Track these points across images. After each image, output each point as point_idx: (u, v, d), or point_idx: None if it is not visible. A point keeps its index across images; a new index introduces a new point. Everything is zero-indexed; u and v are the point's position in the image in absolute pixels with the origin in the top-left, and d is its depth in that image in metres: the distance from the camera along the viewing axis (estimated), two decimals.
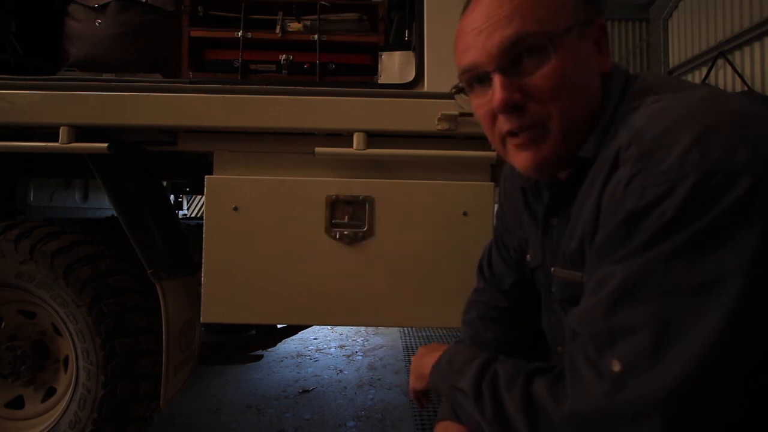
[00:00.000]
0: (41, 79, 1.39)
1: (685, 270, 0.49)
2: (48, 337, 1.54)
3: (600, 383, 0.52)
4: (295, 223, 1.37)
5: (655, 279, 0.51)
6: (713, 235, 0.49)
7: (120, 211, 1.42)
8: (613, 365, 0.51)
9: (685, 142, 0.51)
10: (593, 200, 0.62)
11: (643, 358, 0.50)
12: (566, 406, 0.55)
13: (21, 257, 1.42)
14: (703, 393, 0.49)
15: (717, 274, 0.49)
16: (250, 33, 1.50)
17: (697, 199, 0.49)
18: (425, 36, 1.35)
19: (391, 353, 3.06)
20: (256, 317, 1.41)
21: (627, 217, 0.53)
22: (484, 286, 1.03)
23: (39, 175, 2.01)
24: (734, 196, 0.48)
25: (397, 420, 2.12)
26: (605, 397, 0.51)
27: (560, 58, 0.62)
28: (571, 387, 0.55)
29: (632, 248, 0.53)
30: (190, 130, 1.42)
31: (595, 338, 0.54)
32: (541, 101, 0.63)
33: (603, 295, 0.54)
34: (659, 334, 0.49)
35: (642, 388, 0.49)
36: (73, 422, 1.43)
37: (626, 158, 0.56)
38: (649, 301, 0.50)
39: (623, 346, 0.51)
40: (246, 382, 2.54)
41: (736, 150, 0.50)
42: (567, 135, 0.65)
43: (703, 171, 0.49)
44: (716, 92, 0.60)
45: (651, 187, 0.51)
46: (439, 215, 1.36)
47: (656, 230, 0.51)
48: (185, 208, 4.77)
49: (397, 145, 1.37)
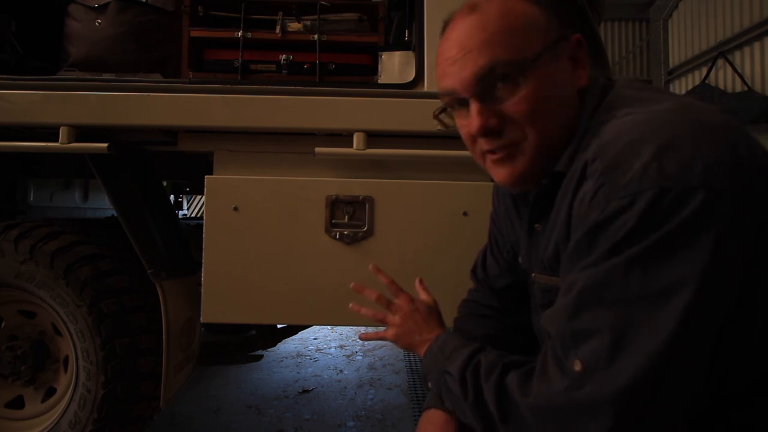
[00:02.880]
0: (41, 79, 1.39)
1: (642, 278, 0.52)
2: (48, 337, 1.54)
3: (562, 380, 0.56)
4: (295, 223, 1.37)
5: (614, 286, 0.54)
6: (668, 246, 0.52)
7: (120, 211, 1.42)
8: (575, 365, 0.55)
9: (645, 157, 0.54)
10: (565, 209, 0.65)
11: (601, 359, 0.53)
12: (531, 398, 0.59)
13: (21, 257, 1.42)
14: (655, 394, 0.52)
15: (670, 283, 0.51)
16: (250, 33, 1.50)
17: (654, 213, 0.52)
18: (425, 36, 1.35)
19: (391, 353, 3.06)
20: (256, 317, 1.41)
21: (591, 228, 0.56)
22: (478, 287, 1.04)
23: (39, 175, 2.01)
24: (689, 210, 0.51)
25: (397, 420, 2.12)
26: (564, 393, 0.56)
27: (532, 84, 0.65)
28: (537, 381, 0.60)
29: (594, 257, 0.56)
30: (190, 130, 1.42)
31: (561, 339, 0.58)
32: (516, 124, 0.67)
33: (568, 300, 0.58)
34: (617, 338, 0.52)
35: (598, 387, 0.53)
36: (73, 422, 1.43)
37: (592, 171, 0.59)
38: (608, 307, 0.54)
39: (585, 348, 0.55)
40: (246, 382, 2.54)
41: (693, 165, 0.52)
42: (541, 152, 0.68)
43: (660, 186, 0.52)
44: (687, 104, 0.61)
45: (613, 201, 0.54)
46: (439, 215, 1.36)
47: (616, 240, 0.53)
48: (185, 208, 4.77)
49: (397, 145, 1.37)
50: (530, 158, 0.69)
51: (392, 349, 3.14)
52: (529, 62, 0.65)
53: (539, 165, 0.69)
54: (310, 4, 1.52)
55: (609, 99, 0.68)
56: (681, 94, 5.32)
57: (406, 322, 0.90)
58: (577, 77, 0.69)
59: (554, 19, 0.68)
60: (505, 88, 0.66)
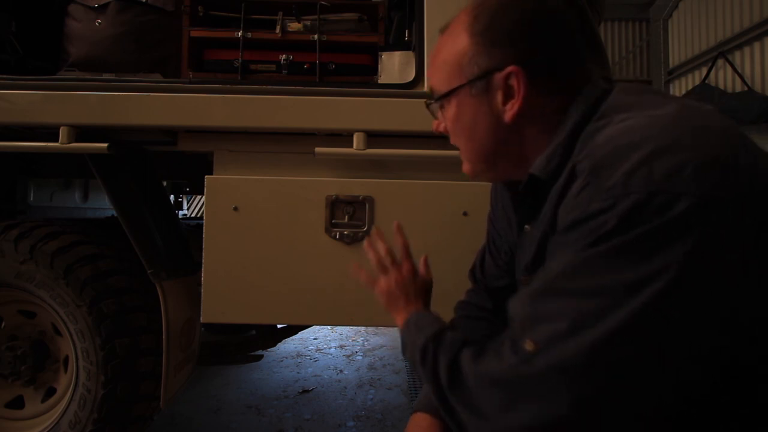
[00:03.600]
0: (41, 79, 1.39)
1: (610, 273, 0.53)
2: (48, 337, 1.54)
3: (511, 357, 0.58)
4: (295, 223, 1.37)
5: (581, 277, 0.54)
6: (644, 246, 0.52)
7: (120, 211, 1.42)
8: (528, 345, 0.56)
9: (633, 161, 0.54)
10: (551, 210, 0.66)
11: (553, 342, 0.54)
12: (479, 368, 0.62)
13: (21, 257, 1.42)
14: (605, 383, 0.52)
15: (639, 280, 0.51)
16: (250, 33, 1.50)
17: (636, 215, 0.52)
18: (425, 36, 1.35)
19: (391, 353, 3.06)
20: (256, 317, 1.41)
21: (571, 225, 0.57)
22: (476, 288, 1.04)
23: (39, 175, 2.01)
24: (672, 214, 0.51)
25: (397, 420, 2.12)
26: (510, 368, 0.57)
27: (452, 112, 0.77)
28: (489, 357, 0.62)
29: (570, 250, 0.57)
30: (190, 130, 1.42)
31: (520, 322, 0.60)
32: (452, 135, 0.81)
33: (535, 287, 0.59)
34: (573, 325, 0.53)
35: (543, 366, 0.54)
36: (73, 422, 1.43)
37: (580, 171, 0.60)
38: (572, 295, 0.55)
39: (540, 330, 0.56)
40: (246, 382, 2.54)
41: (680, 171, 0.52)
42: (479, 160, 0.79)
43: (646, 191, 0.52)
44: (686, 109, 0.60)
45: (596, 201, 0.55)
46: (439, 215, 1.36)
47: (593, 238, 0.54)
48: (185, 208, 4.77)
49: (397, 145, 1.37)
50: (469, 163, 0.82)
51: (392, 349, 3.14)
52: (445, 96, 0.77)
53: (486, 169, 0.80)
54: (310, 4, 1.52)
55: (607, 104, 0.68)
56: (682, 96, 5.32)
57: (399, 286, 0.94)
58: (508, 108, 0.72)
59: (492, 51, 0.71)
60: (441, 107, 0.80)
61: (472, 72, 0.73)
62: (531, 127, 0.73)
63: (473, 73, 0.73)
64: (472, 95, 0.74)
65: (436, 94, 0.79)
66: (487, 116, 0.74)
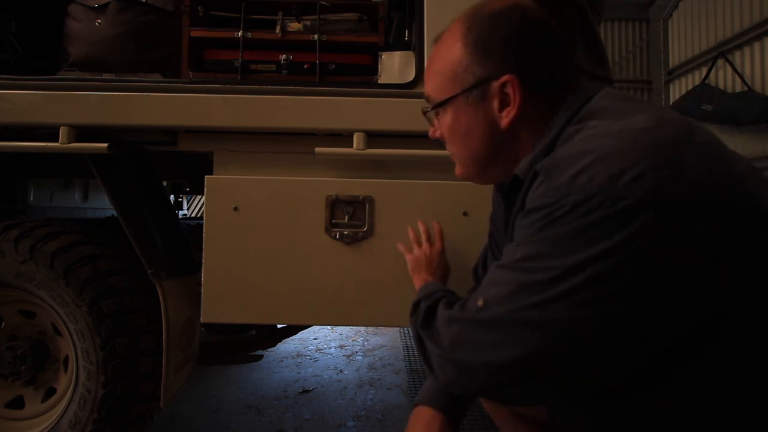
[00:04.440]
0: (41, 79, 1.39)
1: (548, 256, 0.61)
2: (48, 337, 1.54)
3: (469, 307, 0.70)
4: (295, 223, 1.37)
5: (529, 256, 0.63)
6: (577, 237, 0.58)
7: (120, 211, 1.42)
8: (480, 301, 0.67)
9: (580, 164, 0.60)
10: (519, 206, 0.74)
11: (496, 301, 0.65)
12: (446, 312, 0.74)
13: (21, 257, 1.42)
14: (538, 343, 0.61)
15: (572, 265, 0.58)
16: (250, 33, 1.50)
17: (574, 212, 0.58)
18: (425, 36, 1.35)
19: (391, 353, 3.07)
20: (256, 317, 1.41)
21: (527, 213, 0.65)
22: (477, 286, 1.05)
23: (39, 175, 2.01)
24: (608, 212, 0.56)
25: (397, 420, 2.12)
26: (465, 315, 0.70)
27: (447, 119, 0.82)
28: (456, 306, 0.74)
29: (524, 233, 0.66)
30: (190, 130, 1.42)
31: (481, 287, 0.71)
32: (448, 142, 0.85)
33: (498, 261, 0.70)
34: (515, 289, 0.63)
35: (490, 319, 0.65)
36: (73, 422, 1.43)
37: (539, 170, 0.66)
38: (518, 271, 0.64)
39: (490, 292, 0.67)
40: (246, 382, 2.54)
41: (621, 176, 0.57)
42: (474, 164, 0.83)
43: (585, 192, 0.58)
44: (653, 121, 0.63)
45: (545, 197, 0.62)
46: (439, 215, 1.36)
47: (541, 224, 0.62)
48: (185, 208, 4.77)
49: (397, 145, 1.37)
50: (463, 167, 0.86)
51: (392, 349, 3.14)
52: (440, 104, 0.81)
53: (479, 172, 0.84)
54: (310, 4, 1.52)
55: (585, 109, 0.72)
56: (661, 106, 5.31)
57: (426, 258, 1.18)
58: (503, 116, 0.77)
59: (486, 61, 0.75)
60: (437, 115, 0.84)
61: (467, 81, 0.77)
62: (523, 132, 0.78)
63: (469, 82, 0.77)
64: (468, 103, 0.78)
65: (432, 102, 0.83)
66: (483, 123, 0.78)
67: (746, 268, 0.57)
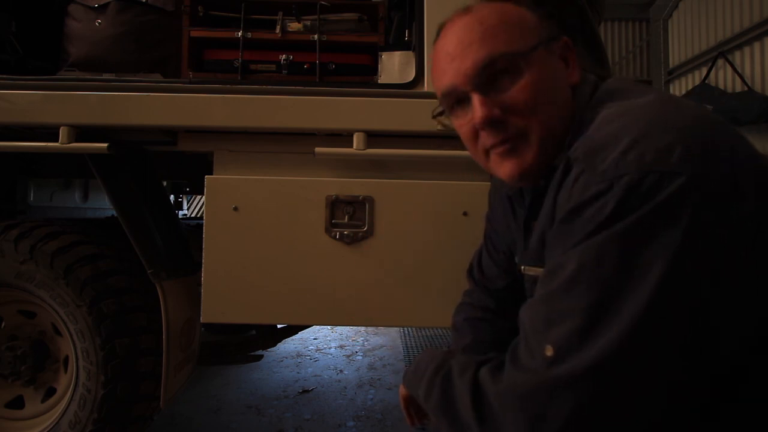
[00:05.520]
0: (41, 79, 1.39)
1: (615, 260, 0.53)
2: (48, 337, 1.54)
3: (532, 364, 0.56)
4: (295, 223, 1.37)
5: (587, 268, 0.54)
6: (644, 228, 0.52)
7: (120, 211, 1.42)
8: (547, 351, 0.54)
9: (624, 143, 0.55)
10: (551, 199, 0.66)
11: (573, 341, 0.53)
12: (501, 385, 0.58)
13: (21, 257, 1.42)
14: (628, 372, 0.52)
15: (644, 263, 0.51)
16: (250, 33, 1.50)
17: (631, 196, 0.53)
18: (425, 36, 1.35)
19: (391, 353, 3.06)
20: (256, 317, 1.41)
21: (571, 212, 0.58)
22: (474, 288, 1.04)
23: (39, 175, 2.01)
24: (666, 193, 0.52)
25: (397, 420, 2.12)
26: (534, 376, 0.55)
27: (532, 74, 0.67)
28: (508, 369, 0.59)
29: (574, 241, 0.57)
30: (190, 130, 1.42)
31: (533, 327, 0.58)
32: (519, 114, 0.68)
33: (542, 291, 0.59)
34: (588, 319, 0.53)
35: (569, 367, 0.52)
36: (73, 422, 1.43)
37: (575, 159, 0.61)
38: (582, 288, 0.54)
39: (555, 333, 0.54)
40: (246, 382, 2.54)
41: (670, 151, 0.53)
42: (546, 143, 0.69)
43: (638, 171, 0.53)
44: (668, 98, 0.63)
45: (593, 185, 0.56)
46: (439, 215, 1.36)
47: (595, 224, 0.54)
48: (185, 208, 4.77)
49: (397, 145, 1.37)
50: (536, 149, 0.69)
51: (392, 350, 3.14)
52: (527, 53, 0.67)
53: (544, 158, 0.70)
54: (310, 4, 1.52)
55: (599, 93, 0.70)
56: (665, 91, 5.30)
57: None
58: (569, 74, 0.72)
59: (545, 22, 0.72)
60: (505, 80, 0.67)
61: (540, 34, 0.70)
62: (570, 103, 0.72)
63: (545, 35, 0.70)
64: (547, 54, 0.70)
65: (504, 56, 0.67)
66: (562, 79, 0.71)
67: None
